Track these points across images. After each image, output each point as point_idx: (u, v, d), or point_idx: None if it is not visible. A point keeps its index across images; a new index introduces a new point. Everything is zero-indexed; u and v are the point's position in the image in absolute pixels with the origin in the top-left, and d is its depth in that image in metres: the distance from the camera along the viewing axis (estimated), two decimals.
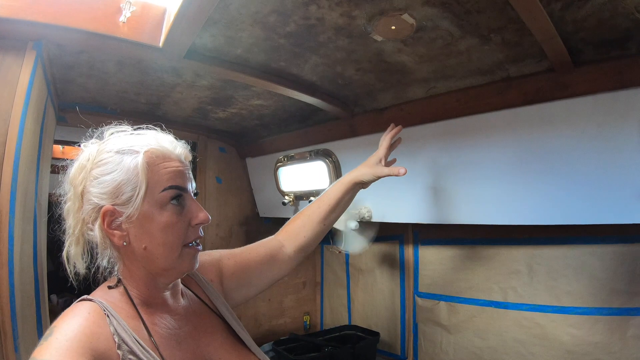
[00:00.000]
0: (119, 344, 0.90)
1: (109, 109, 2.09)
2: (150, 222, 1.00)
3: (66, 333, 0.85)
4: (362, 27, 1.30)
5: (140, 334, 0.97)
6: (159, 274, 1.05)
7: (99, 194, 0.99)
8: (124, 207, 0.99)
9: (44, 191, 1.64)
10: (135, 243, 1.01)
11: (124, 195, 0.98)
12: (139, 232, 1.00)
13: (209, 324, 1.17)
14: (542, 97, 1.51)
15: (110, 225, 0.99)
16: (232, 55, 1.53)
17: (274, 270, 1.46)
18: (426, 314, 2.51)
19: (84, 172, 1.02)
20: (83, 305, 0.96)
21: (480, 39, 1.34)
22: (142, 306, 1.04)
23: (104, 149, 1.03)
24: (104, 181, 0.99)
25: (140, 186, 0.99)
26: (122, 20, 1.32)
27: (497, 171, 1.70)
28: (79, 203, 1.03)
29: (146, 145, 1.04)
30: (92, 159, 1.02)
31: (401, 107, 1.94)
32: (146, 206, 1.00)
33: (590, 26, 1.22)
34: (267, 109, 2.20)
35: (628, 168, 1.38)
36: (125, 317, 0.98)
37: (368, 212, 2.22)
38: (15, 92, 1.23)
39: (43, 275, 1.58)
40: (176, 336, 1.06)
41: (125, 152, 1.02)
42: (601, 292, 1.81)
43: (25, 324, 1.24)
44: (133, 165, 1.00)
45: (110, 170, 1.00)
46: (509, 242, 2.13)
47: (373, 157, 1.64)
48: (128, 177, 0.99)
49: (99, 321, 0.92)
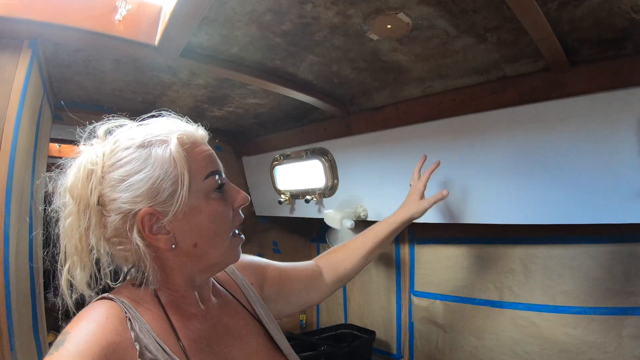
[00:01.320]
0: (140, 351, 0.81)
1: (105, 107, 2.08)
2: (198, 215, 0.91)
3: (78, 344, 0.75)
4: (358, 26, 1.30)
5: (167, 339, 0.88)
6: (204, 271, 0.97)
7: (131, 198, 0.87)
8: (165, 205, 0.88)
9: (39, 189, 1.64)
10: (184, 243, 0.91)
11: (164, 192, 0.87)
12: (187, 229, 0.91)
13: (244, 327, 1.06)
14: (538, 97, 1.51)
15: (152, 230, 0.88)
16: (228, 54, 1.53)
17: (310, 294, 1.40)
18: (422, 313, 2.51)
19: (94, 179, 0.89)
20: (102, 306, 0.86)
21: (476, 38, 1.34)
22: (171, 306, 0.94)
23: (117, 147, 0.91)
24: (134, 182, 0.87)
25: (183, 178, 0.88)
26: (118, 18, 1.31)
27: (493, 170, 1.71)
28: (97, 217, 0.89)
29: (172, 131, 0.93)
30: (102, 162, 0.90)
31: (397, 106, 1.94)
32: (192, 199, 0.90)
33: (586, 26, 1.22)
34: (263, 107, 2.20)
35: (624, 168, 1.39)
36: (150, 320, 0.88)
37: (364, 211, 2.23)
38: (11, 91, 1.23)
39: (39, 273, 1.58)
40: (207, 340, 0.95)
41: (151, 145, 0.90)
42: (596, 292, 1.81)
43: (20, 323, 1.24)
44: (167, 156, 0.89)
45: (139, 168, 0.88)
46: (505, 242, 2.13)
47: (415, 193, 1.67)
48: (165, 171, 0.88)
49: (118, 327, 0.82)
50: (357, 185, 2.31)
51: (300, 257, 3.35)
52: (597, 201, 1.47)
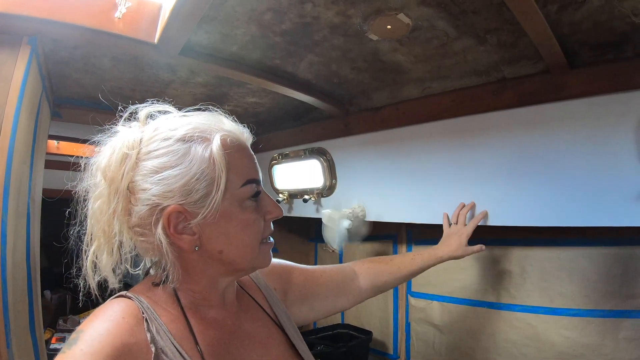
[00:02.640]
0: (156, 354, 0.78)
1: (104, 105, 2.08)
2: (228, 222, 0.87)
3: (92, 344, 0.73)
4: (358, 26, 1.30)
5: (185, 342, 0.84)
6: (228, 274, 0.94)
7: (162, 192, 0.83)
8: (196, 206, 0.84)
9: (37, 186, 1.64)
10: (209, 247, 0.87)
11: (197, 193, 0.84)
12: (215, 234, 0.87)
13: (265, 333, 1.03)
14: (538, 99, 1.51)
15: (177, 229, 0.85)
16: (228, 53, 1.53)
17: (339, 299, 1.36)
18: (419, 313, 2.51)
19: (128, 164, 0.85)
20: (119, 304, 0.83)
21: (476, 40, 1.35)
22: (190, 308, 0.90)
23: (156, 135, 0.87)
24: (168, 176, 0.83)
25: (219, 182, 0.84)
26: (118, 16, 1.31)
27: (491, 172, 1.71)
28: (124, 203, 0.85)
29: (216, 130, 0.89)
30: (138, 148, 0.86)
31: (396, 107, 1.94)
32: (225, 204, 0.86)
33: (586, 29, 1.23)
34: (262, 106, 2.20)
35: (622, 171, 1.39)
36: (168, 321, 0.85)
37: (362, 211, 2.22)
38: (10, 87, 1.22)
39: (36, 271, 1.57)
40: (226, 345, 0.92)
41: (192, 140, 0.86)
42: (593, 294, 1.81)
43: (17, 320, 1.24)
44: (207, 156, 0.85)
45: (176, 163, 0.84)
46: (502, 243, 2.13)
47: (464, 236, 1.74)
48: (201, 171, 0.84)
49: (134, 327, 0.79)
50: (355, 185, 2.31)
51: (297, 256, 3.35)
52: (595, 204, 1.47)
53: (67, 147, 2.61)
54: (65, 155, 2.61)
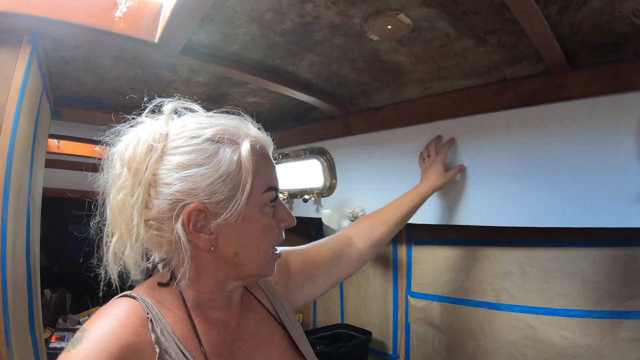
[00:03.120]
0: (160, 354, 0.79)
1: (105, 104, 2.08)
2: (248, 225, 0.88)
3: (97, 344, 0.73)
4: (358, 26, 1.30)
5: (189, 343, 0.85)
6: (237, 278, 0.94)
7: (186, 189, 0.83)
8: (218, 207, 0.84)
9: (37, 185, 1.64)
10: (225, 248, 0.88)
11: (221, 194, 0.84)
12: (232, 236, 0.87)
13: (268, 333, 1.03)
14: (538, 100, 1.52)
15: (196, 227, 0.85)
16: (228, 52, 1.53)
17: (340, 268, 1.36)
18: (419, 314, 2.51)
19: (154, 155, 0.85)
20: (123, 304, 0.84)
21: (476, 40, 1.35)
22: (195, 309, 0.91)
23: (184, 132, 0.88)
24: (194, 174, 0.84)
25: (245, 185, 0.85)
26: (118, 15, 1.31)
27: (492, 173, 1.71)
28: (144, 196, 0.85)
29: (245, 135, 0.91)
30: (165, 142, 0.86)
31: (396, 107, 1.95)
32: (247, 208, 0.86)
33: (586, 29, 1.23)
34: (262, 106, 2.20)
35: (622, 172, 1.39)
36: (172, 322, 0.86)
37: (362, 211, 2.22)
38: (10, 86, 1.22)
39: (36, 269, 1.58)
40: (230, 345, 0.93)
41: (221, 142, 0.87)
42: (593, 295, 1.81)
43: (17, 319, 1.24)
44: (235, 159, 0.86)
45: (203, 162, 0.84)
46: (502, 244, 2.13)
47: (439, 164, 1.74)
48: (228, 173, 0.85)
49: (139, 327, 0.80)
50: (355, 185, 2.31)
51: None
52: (595, 205, 1.47)
53: (68, 146, 2.61)
54: (65, 155, 2.62)
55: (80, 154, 2.68)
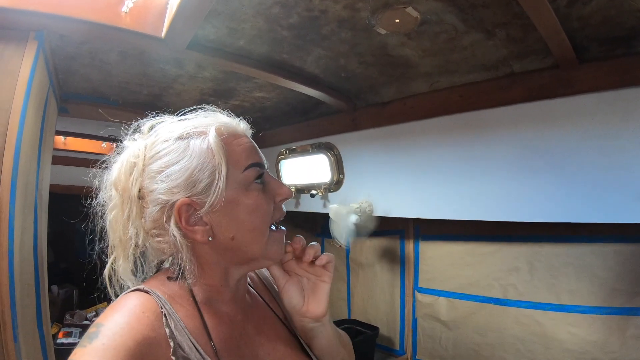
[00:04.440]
0: (174, 349, 0.79)
1: (111, 100, 2.08)
2: (236, 207, 0.89)
3: (114, 338, 0.73)
4: (366, 20, 1.30)
5: (199, 338, 0.85)
6: (241, 264, 0.94)
7: (169, 189, 0.86)
8: (203, 196, 0.86)
9: (45, 182, 1.64)
10: (221, 235, 0.89)
11: (201, 183, 0.86)
12: (225, 221, 0.88)
13: (272, 331, 1.04)
14: (546, 94, 1.51)
15: (189, 221, 0.87)
16: (235, 47, 1.52)
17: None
18: (426, 309, 2.51)
19: (136, 171, 0.88)
20: (137, 298, 0.84)
21: (484, 34, 1.34)
22: (204, 304, 0.92)
23: (157, 140, 0.91)
24: (172, 173, 0.87)
25: (220, 169, 0.87)
26: (125, 10, 1.31)
27: (499, 167, 1.70)
28: (137, 208, 0.89)
29: (210, 124, 0.93)
30: (143, 155, 0.90)
31: (404, 102, 1.94)
32: (230, 190, 0.88)
33: (595, 23, 1.22)
34: (269, 101, 2.20)
35: (631, 167, 1.38)
36: (183, 317, 0.86)
37: (369, 206, 2.22)
38: (17, 83, 1.22)
39: (43, 265, 1.58)
40: (237, 341, 0.94)
41: (189, 136, 0.90)
42: (601, 291, 1.81)
43: (24, 314, 1.24)
44: (205, 147, 0.88)
45: (177, 159, 0.87)
46: (510, 239, 2.13)
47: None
48: (202, 162, 0.87)
49: (154, 322, 0.80)
50: (362, 180, 2.30)
51: None
52: (604, 200, 1.46)
53: (74, 142, 2.62)
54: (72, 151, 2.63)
55: (87, 150, 2.68)
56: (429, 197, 1.97)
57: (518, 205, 1.68)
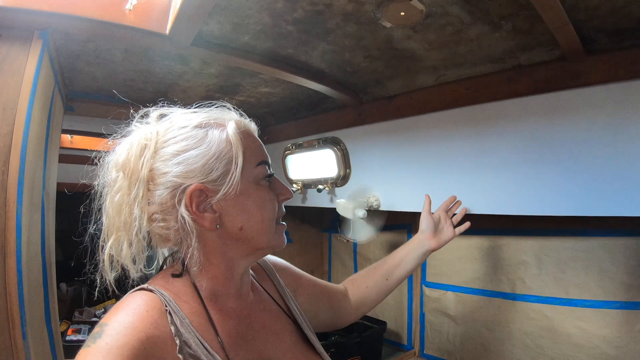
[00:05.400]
0: (180, 346, 0.80)
1: (117, 98, 2.09)
2: (247, 199, 0.93)
3: (118, 338, 0.74)
4: (371, 13, 1.29)
5: (206, 334, 0.88)
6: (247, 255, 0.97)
7: (184, 172, 0.88)
8: (216, 184, 0.90)
9: (52, 180, 1.65)
10: (230, 224, 0.92)
11: (216, 171, 0.90)
12: (234, 211, 0.92)
13: (278, 324, 1.07)
14: (553, 86, 1.49)
15: (199, 207, 0.89)
16: (240, 42, 1.52)
17: (336, 315, 1.38)
18: (433, 303, 2.51)
19: (147, 153, 0.90)
20: (141, 297, 0.85)
21: (490, 26, 1.33)
22: (210, 300, 0.94)
23: (172, 126, 0.94)
24: (189, 157, 0.89)
25: (237, 160, 0.91)
26: (129, 7, 1.31)
27: (507, 161, 1.69)
28: (144, 191, 0.89)
29: (229, 118, 0.99)
30: (156, 138, 0.92)
31: (410, 95, 1.93)
32: (243, 182, 0.92)
33: (603, 14, 1.20)
34: (275, 96, 2.19)
35: None
36: (188, 313, 0.88)
37: (376, 201, 2.21)
38: (22, 82, 1.22)
39: (51, 263, 1.59)
40: (243, 335, 0.96)
41: (209, 126, 0.94)
42: (610, 285, 1.80)
43: (33, 312, 1.25)
44: (224, 137, 0.92)
45: (196, 145, 0.90)
46: (518, 233, 2.12)
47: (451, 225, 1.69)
48: (220, 151, 0.91)
49: (158, 320, 0.81)
50: (369, 174, 2.30)
51: (311, 247, 3.36)
52: (612, 193, 1.44)
53: (81, 141, 2.62)
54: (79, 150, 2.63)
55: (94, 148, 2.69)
56: (437, 191, 1.96)
57: (526, 199, 1.67)
